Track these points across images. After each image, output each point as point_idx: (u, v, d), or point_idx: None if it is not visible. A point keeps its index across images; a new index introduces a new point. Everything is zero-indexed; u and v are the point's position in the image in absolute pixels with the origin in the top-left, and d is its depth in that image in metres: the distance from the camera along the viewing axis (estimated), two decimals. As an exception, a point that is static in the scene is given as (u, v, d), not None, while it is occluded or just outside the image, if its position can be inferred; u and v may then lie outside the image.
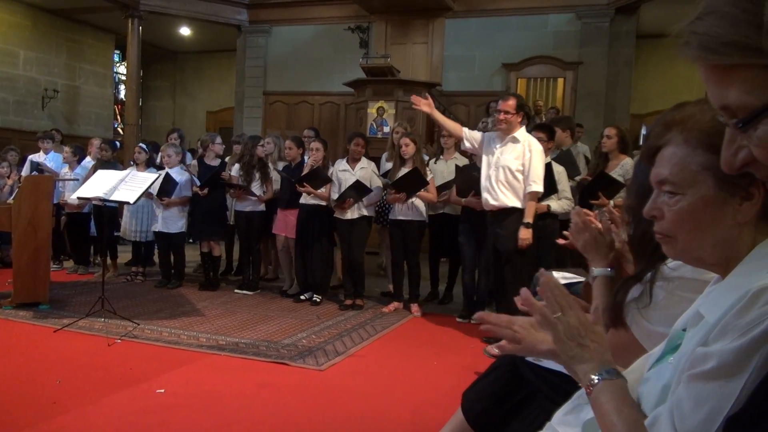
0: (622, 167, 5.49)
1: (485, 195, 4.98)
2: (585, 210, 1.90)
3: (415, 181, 5.78)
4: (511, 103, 4.85)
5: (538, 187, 4.85)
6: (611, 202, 5.19)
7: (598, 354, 1.12)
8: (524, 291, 1.18)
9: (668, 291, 1.49)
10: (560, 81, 10.68)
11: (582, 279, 2.52)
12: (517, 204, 4.88)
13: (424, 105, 4.96)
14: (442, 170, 6.30)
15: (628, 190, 1.68)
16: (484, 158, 5.01)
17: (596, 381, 1.10)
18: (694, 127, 1.11)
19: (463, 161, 6.32)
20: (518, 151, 4.83)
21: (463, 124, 5.47)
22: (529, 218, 4.81)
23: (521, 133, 4.89)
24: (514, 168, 4.83)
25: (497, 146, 4.94)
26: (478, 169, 5.14)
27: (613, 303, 1.60)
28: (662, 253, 1.17)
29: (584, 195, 5.43)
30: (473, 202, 5.50)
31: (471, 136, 5.09)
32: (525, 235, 4.80)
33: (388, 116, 9.29)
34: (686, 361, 1.00)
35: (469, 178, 5.56)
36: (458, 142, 5.98)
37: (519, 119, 4.87)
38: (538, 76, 10.69)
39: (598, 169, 5.61)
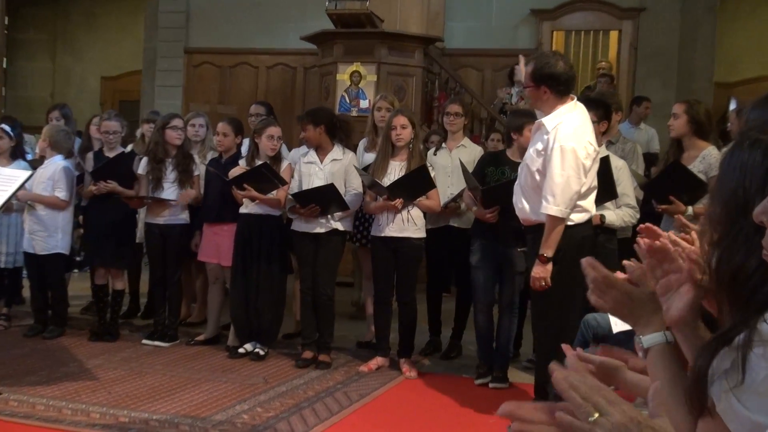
0: (703, 160, 5.51)
1: (514, 201, 4.99)
2: (591, 260, 1.85)
3: (419, 183, 5.84)
4: (529, 68, 4.80)
5: (549, 207, 4.58)
6: (689, 209, 5.21)
7: None
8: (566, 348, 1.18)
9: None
10: (613, 35, 10.77)
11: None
12: (543, 219, 4.75)
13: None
14: (445, 164, 6.33)
15: (712, 195, 1.62)
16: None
17: None
18: None
19: (473, 149, 6.43)
20: (542, 144, 4.69)
21: (473, 95, 5.43)
22: (544, 248, 4.61)
23: (554, 115, 4.70)
24: (534, 168, 4.72)
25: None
26: (506, 160, 5.08)
27: (691, 380, 1.55)
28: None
29: (649, 196, 5.50)
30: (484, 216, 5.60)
31: None
32: (538, 272, 4.63)
33: (367, 85, 9.29)
34: None
35: (470, 182, 5.62)
36: (467, 123, 5.91)
37: (545, 93, 4.69)
38: (583, 29, 10.78)
39: (669, 160, 5.69)
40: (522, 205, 4.82)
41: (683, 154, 5.59)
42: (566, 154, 4.54)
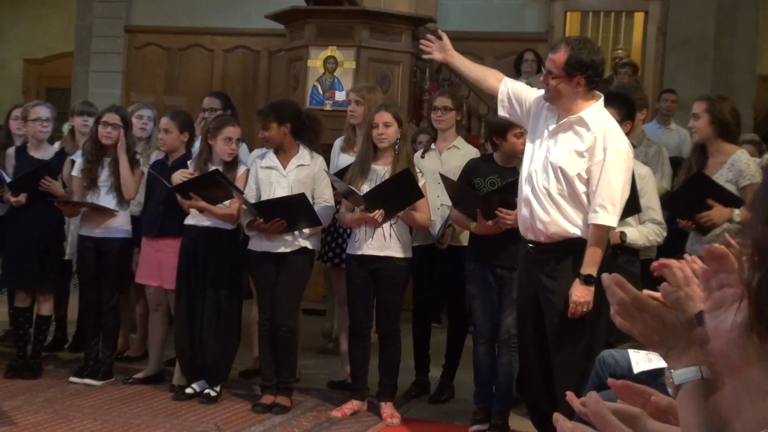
0: (732, 167, 5.59)
1: (523, 213, 4.99)
2: (618, 278, 1.86)
3: (403, 192, 5.82)
4: (562, 55, 4.77)
5: (610, 217, 4.75)
6: (735, 213, 5.30)
7: None
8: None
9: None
10: (638, 17, 10.86)
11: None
12: (577, 232, 4.85)
13: (437, 51, 5.16)
14: (433, 169, 6.31)
15: (753, 209, 1.65)
16: (529, 142, 5.06)
17: None
18: None
19: (467, 151, 6.44)
20: (585, 144, 4.80)
21: (471, 87, 5.47)
22: (589, 268, 4.74)
23: (593, 111, 4.83)
24: (573, 173, 4.79)
25: (549, 127, 4.95)
26: (494, 166, 5.07)
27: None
28: None
29: (672, 213, 5.62)
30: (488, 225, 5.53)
31: (513, 93, 5.13)
32: (582, 295, 4.75)
33: (344, 74, 9.24)
34: None
35: (461, 192, 5.69)
36: (461, 119, 5.90)
37: (578, 86, 4.77)
38: (602, 9, 10.86)
39: (692, 169, 5.75)
40: (546, 218, 4.85)
41: (707, 162, 5.68)
42: (622, 156, 4.73)
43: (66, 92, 12.84)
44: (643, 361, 3.97)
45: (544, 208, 4.83)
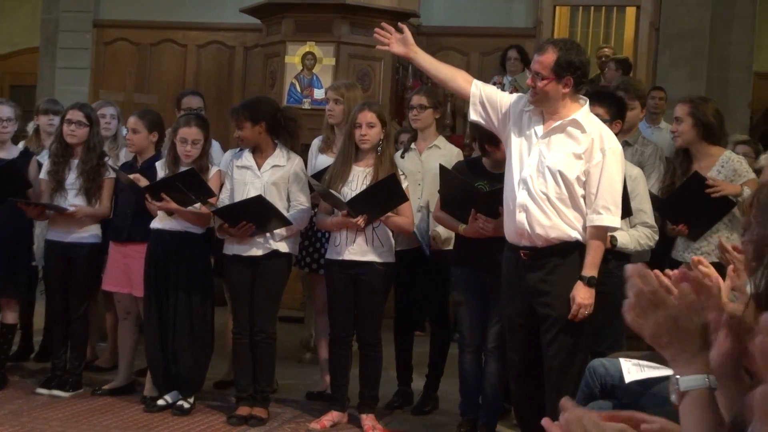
0: (723, 167, 5.77)
1: (518, 219, 4.98)
2: (655, 271, 1.95)
3: (387, 196, 5.84)
4: (550, 57, 4.83)
5: (614, 218, 4.91)
6: (745, 190, 5.48)
7: None
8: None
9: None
10: (630, 12, 10.91)
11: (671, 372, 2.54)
12: (577, 236, 4.94)
13: (396, 44, 5.13)
14: (413, 170, 6.38)
15: (753, 209, 1.82)
16: (514, 147, 5.07)
17: None
18: None
19: (449, 151, 6.48)
20: (581, 146, 4.91)
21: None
22: (591, 270, 4.88)
23: (585, 113, 4.96)
24: (573, 176, 4.88)
25: (538, 130, 4.99)
26: (483, 171, 5.03)
27: None
28: None
29: (665, 217, 5.71)
30: (487, 226, 5.49)
31: (486, 97, 5.15)
32: (585, 297, 4.88)
33: (323, 71, 9.34)
34: None
35: (462, 187, 5.68)
36: (442, 116, 5.87)
37: (566, 87, 4.86)
38: (593, 4, 10.86)
39: (676, 173, 5.92)
40: (547, 222, 4.92)
41: (692, 166, 5.82)
42: (618, 158, 4.95)
43: (31, 90, 12.87)
44: (634, 370, 3.96)
45: (545, 213, 4.90)
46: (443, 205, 5.87)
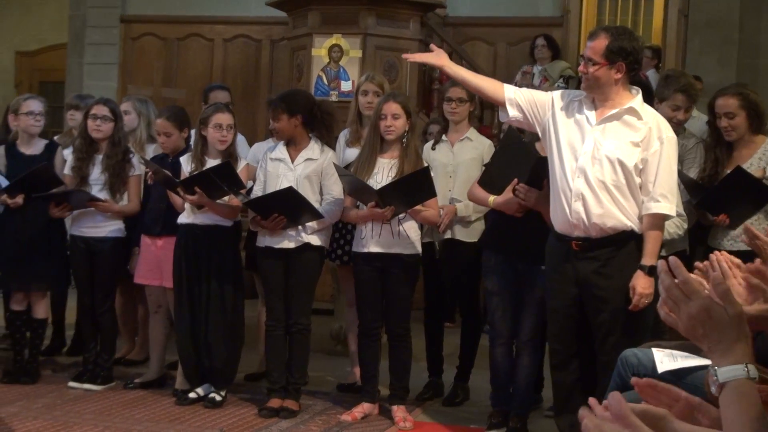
0: (765, 154, 5.71)
1: (575, 208, 4.97)
2: (698, 264, 2.06)
3: (417, 190, 5.84)
4: (602, 42, 4.84)
5: (670, 207, 4.94)
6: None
7: None
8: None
9: None
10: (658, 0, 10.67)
11: (706, 361, 2.50)
12: (632, 226, 4.95)
13: (432, 57, 5.26)
14: (445, 162, 6.36)
15: None
16: (562, 136, 5.07)
17: None
18: None
19: (481, 143, 6.47)
20: (639, 135, 4.91)
21: (486, 75, 5.47)
22: (651, 259, 4.88)
23: (640, 102, 4.97)
24: (631, 164, 4.88)
25: (591, 118, 5.00)
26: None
27: None
28: None
29: (706, 209, 5.63)
30: (530, 196, 5.41)
31: (521, 99, 5.17)
32: (646, 286, 4.87)
33: (350, 63, 9.30)
34: None
35: (523, 149, 5.67)
36: (474, 109, 5.89)
37: (618, 73, 4.87)
38: (621, -8, 10.75)
39: (718, 165, 5.81)
40: (602, 211, 4.92)
41: (733, 154, 5.79)
42: (674, 147, 5.03)
43: (60, 86, 12.92)
44: (667, 360, 3.92)
45: (601, 202, 4.92)
46: (482, 180, 5.82)
